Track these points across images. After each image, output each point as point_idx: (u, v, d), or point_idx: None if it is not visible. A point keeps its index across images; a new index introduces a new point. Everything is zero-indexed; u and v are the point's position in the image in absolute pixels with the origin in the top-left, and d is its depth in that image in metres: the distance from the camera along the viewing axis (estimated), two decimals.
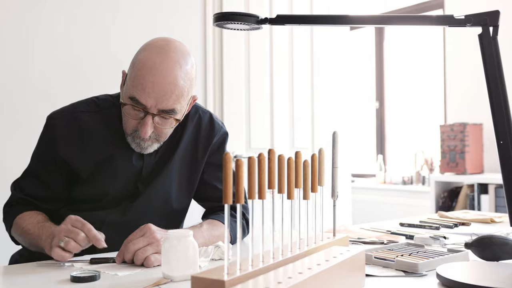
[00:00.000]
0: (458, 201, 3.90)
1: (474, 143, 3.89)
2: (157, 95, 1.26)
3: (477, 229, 1.73)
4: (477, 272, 1.05)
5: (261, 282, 0.78)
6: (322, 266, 0.88)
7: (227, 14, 1.23)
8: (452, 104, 4.34)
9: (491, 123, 4.30)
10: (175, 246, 1.07)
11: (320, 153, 1.11)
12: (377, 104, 5.08)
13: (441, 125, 4.02)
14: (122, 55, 2.57)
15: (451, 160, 3.93)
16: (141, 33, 2.63)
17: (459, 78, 4.27)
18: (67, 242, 1.16)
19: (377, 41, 5.10)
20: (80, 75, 2.46)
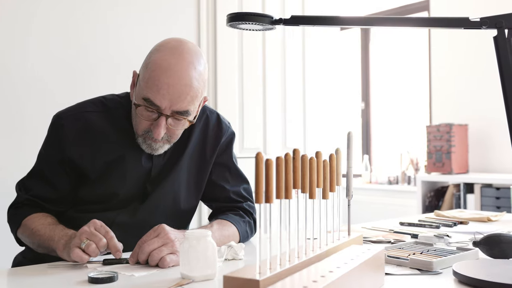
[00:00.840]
0: (444, 201, 3.96)
1: (459, 144, 3.96)
2: (172, 96, 1.25)
3: (476, 227, 1.76)
4: (493, 270, 1.07)
5: (297, 281, 0.79)
6: (351, 264, 0.89)
7: (241, 15, 1.23)
8: (437, 105, 4.40)
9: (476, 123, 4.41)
10: (195, 246, 1.07)
11: (337, 153, 1.12)
12: (363, 104, 5.12)
13: (428, 126, 4.07)
14: (117, 54, 2.56)
15: (437, 160, 3.99)
16: (136, 32, 2.62)
17: (445, 79, 4.33)
18: (89, 245, 1.15)
19: (363, 42, 5.14)
20: (75, 74, 2.44)
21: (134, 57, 2.61)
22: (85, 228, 1.19)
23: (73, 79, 2.43)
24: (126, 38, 2.59)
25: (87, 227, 1.20)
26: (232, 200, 1.52)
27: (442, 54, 4.35)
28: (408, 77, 4.92)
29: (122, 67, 2.57)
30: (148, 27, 2.64)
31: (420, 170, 4.60)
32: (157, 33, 2.68)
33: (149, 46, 2.61)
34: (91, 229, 1.19)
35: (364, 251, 1.00)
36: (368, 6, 4.99)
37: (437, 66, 4.39)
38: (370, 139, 5.11)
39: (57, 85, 2.39)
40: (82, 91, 2.44)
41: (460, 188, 3.85)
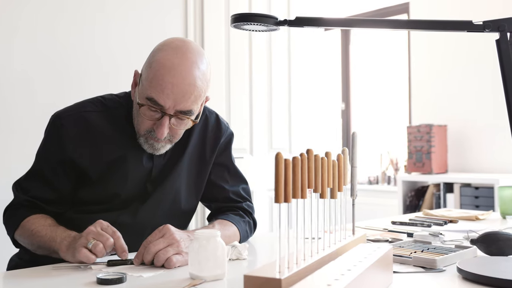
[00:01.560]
0: (425, 200, 4.03)
1: (439, 144, 4.03)
2: (176, 96, 1.25)
3: (466, 226, 1.80)
4: (497, 266, 1.10)
5: (318, 279, 0.80)
6: (366, 262, 0.90)
7: (246, 15, 1.23)
8: (416, 106, 4.48)
9: (455, 124, 4.48)
10: (205, 246, 1.07)
11: (344, 153, 1.13)
12: (343, 105, 5.17)
13: (408, 126, 4.14)
14: (104, 55, 2.53)
15: (417, 160, 4.05)
16: (122, 33, 2.60)
17: (424, 81, 4.40)
18: (96, 245, 1.14)
19: (343, 43, 5.19)
20: (63, 74, 2.40)
21: (121, 57, 2.59)
22: (92, 228, 1.18)
23: (60, 79, 2.39)
24: (113, 39, 2.57)
25: (94, 227, 1.19)
26: (231, 200, 1.52)
27: (421, 57, 4.43)
28: (388, 79, 4.99)
29: (109, 67, 2.55)
30: (135, 27, 2.62)
31: (400, 170, 4.68)
32: (143, 33, 2.67)
33: (136, 46, 2.60)
34: (98, 229, 1.18)
35: (374, 249, 1.02)
36: (348, 8, 5.04)
37: (417, 68, 4.46)
38: (350, 139, 5.16)
39: (45, 85, 2.35)
40: (69, 91, 2.42)
41: (440, 187, 3.93)
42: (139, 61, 2.59)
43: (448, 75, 4.22)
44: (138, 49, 2.65)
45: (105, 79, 2.53)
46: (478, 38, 3.98)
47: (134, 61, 2.62)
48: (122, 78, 2.58)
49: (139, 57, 2.62)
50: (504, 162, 3.91)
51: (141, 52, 2.64)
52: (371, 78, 5.12)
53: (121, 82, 2.57)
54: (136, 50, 2.64)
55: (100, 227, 1.19)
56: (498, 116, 3.92)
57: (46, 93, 2.36)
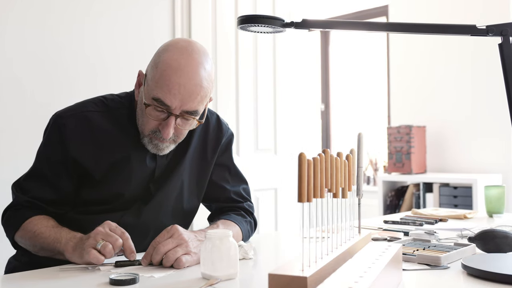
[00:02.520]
0: (405, 200, 4.10)
1: (418, 145, 4.11)
2: (182, 96, 1.25)
3: (455, 224, 1.85)
4: (501, 263, 1.13)
5: (340, 279, 0.81)
6: (381, 261, 0.92)
7: (253, 17, 1.24)
8: (395, 107, 4.55)
9: (434, 125, 4.57)
10: (218, 246, 1.07)
11: (352, 154, 1.15)
12: (323, 106, 5.23)
13: (388, 127, 4.21)
14: (93, 54, 2.51)
15: (397, 161, 4.12)
16: (110, 30, 2.58)
17: (403, 83, 4.48)
18: (105, 246, 1.14)
19: (323, 45, 5.25)
20: (51, 73, 2.37)
21: (109, 57, 2.57)
22: (100, 229, 1.18)
23: (49, 78, 2.36)
24: (101, 37, 2.54)
25: (102, 227, 1.18)
26: (232, 200, 1.53)
27: (400, 58, 4.50)
28: (367, 80, 5.06)
29: (98, 66, 2.52)
30: (123, 26, 2.60)
31: (379, 170, 4.75)
32: (131, 32, 2.65)
33: (124, 45, 2.58)
34: (106, 229, 1.18)
35: (386, 248, 1.04)
36: (327, 10, 5.09)
37: (395, 70, 4.54)
38: (330, 140, 5.21)
39: (34, 85, 2.31)
40: (59, 90, 2.39)
41: (420, 187, 4.00)
42: (127, 59, 2.59)
43: (426, 77, 4.30)
44: (125, 47, 2.64)
45: (94, 78, 2.50)
46: (456, 41, 4.07)
47: (123, 60, 2.60)
48: (111, 77, 2.56)
49: (127, 55, 2.62)
50: (481, 162, 4.01)
51: (129, 51, 2.63)
52: (350, 79, 5.19)
53: (109, 81, 2.55)
54: (124, 49, 2.63)
55: (109, 228, 1.19)
56: (475, 117, 4.02)
57: (35, 92, 2.32)
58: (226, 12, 2.97)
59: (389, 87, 4.62)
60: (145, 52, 2.69)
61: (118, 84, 2.55)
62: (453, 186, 3.85)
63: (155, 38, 2.73)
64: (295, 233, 1.75)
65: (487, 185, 2.12)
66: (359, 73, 5.12)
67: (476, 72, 4.01)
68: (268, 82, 3.17)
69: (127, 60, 2.61)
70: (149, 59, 2.68)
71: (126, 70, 2.60)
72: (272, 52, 3.20)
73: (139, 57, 2.65)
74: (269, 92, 3.17)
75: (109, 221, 1.21)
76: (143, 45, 2.66)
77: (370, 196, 4.49)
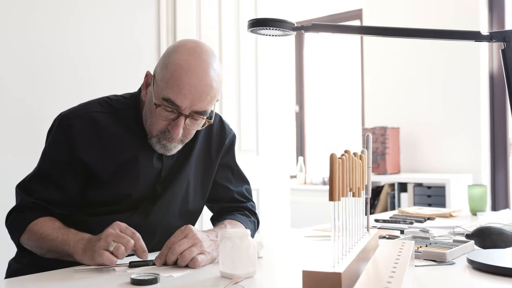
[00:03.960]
0: (380, 200, 4.19)
1: (393, 146, 4.21)
2: (193, 96, 1.26)
3: (442, 222, 1.92)
4: (504, 257, 1.19)
5: (372, 276, 0.85)
6: (404, 258, 0.96)
7: (263, 20, 1.27)
8: (369, 108, 4.64)
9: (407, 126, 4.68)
10: (239, 245, 1.09)
11: (364, 154, 1.19)
12: (297, 107, 5.28)
13: (364, 129, 4.29)
14: (77, 55, 2.48)
15: (373, 161, 4.21)
16: (94, 29, 2.55)
17: (376, 85, 4.57)
18: (118, 247, 1.14)
19: (297, 47, 5.30)
20: (36, 74, 2.33)
21: (93, 57, 2.55)
22: (111, 230, 1.18)
23: (33, 79, 2.32)
24: (85, 37, 2.52)
25: (112, 229, 1.18)
26: (236, 200, 1.55)
27: (373, 61, 4.60)
28: (341, 82, 5.14)
29: (81, 67, 2.50)
30: (106, 26, 2.58)
31: None
32: (114, 31, 2.63)
33: (107, 46, 2.56)
34: (117, 231, 1.18)
35: (401, 245, 1.09)
36: (302, 13, 5.15)
37: (369, 73, 4.63)
38: (304, 141, 5.28)
39: (17, 85, 2.27)
40: (44, 92, 2.35)
41: (395, 187, 4.10)
42: (110, 59, 2.57)
43: (400, 80, 4.41)
44: (109, 47, 2.62)
45: (77, 78, 2.47)
46: (428, 45, 4.19)
47: (106, 59, 2.58)
48: (95, 77, 2.54)
49: (110, 55, 2.60)
50: (452, 162, 4.14)
51: (112, 51, 2.61)
52: (324, 81, 5.26)
53: (94, 82, 2.53)
54: (108, 50, 2.61)
55: (119, 229, 1.19)
56: (447, 120, 4.15)
57: (19, 92, 2.28)
58: (211, 12, 2.99)
59: (363, 89, 4.71)
60: (128, 52, 2.68)
61: (101, 83, 2.54)
62: (426, 186, 3.96)
63: (138, 37, 2.72)
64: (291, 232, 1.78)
65: (470, 185, 2.20)
66: (333, 75, 5.20)
67: (448, 76, 4.13)
68: (251, 84, 3.19)
69: (110, 59, 2.59)
70: (132, 58, 2.67)
71: (110, 70, 2.59)
72: (254, 54, 3.23)
73: (122, 56, 2.64)
74: (251, 94, 3.20)
75: (118, 222, 1.21)
76: (126, 45, 2.66)
77: None
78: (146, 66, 2.48)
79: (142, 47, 2.74)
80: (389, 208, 4.14)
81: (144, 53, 2.74)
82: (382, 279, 0.84)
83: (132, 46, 2.70)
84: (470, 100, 4.04)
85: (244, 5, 3.14)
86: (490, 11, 4.11)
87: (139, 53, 2.72)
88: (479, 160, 4.03)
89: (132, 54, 2.69)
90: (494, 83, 4.08)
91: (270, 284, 1.10)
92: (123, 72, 2.62)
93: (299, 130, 5.28)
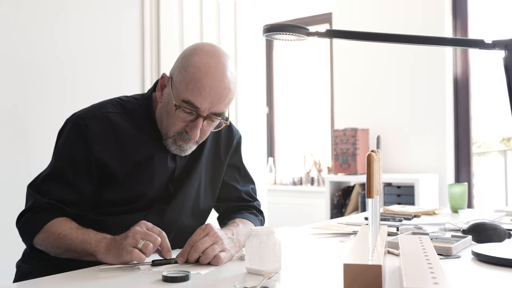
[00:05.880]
0: (351, 199, 4.30)
1: (363, 147, 4.33)
2: (213, 98, 1.29)
3: (428, 220, 2.01)
4: (507, 250, 1.28)
5: (413, 271, 0.90)
6: (431, 252, 1.03)
7: (280, 26, 1.32)
8: (339, 110, 4.75)
9: (376, 128, 4.83)
10: (266, 242, 1.14)
11: (377, 155, 1.25)
12: (267, 109, 5.35)
13: (335, 130, 4.40)
14: (65, 57, 2.46)
15: (343, 162, 4.32)
16: (80, 31, 2.54)
17: (346, 87, 4.69)
18: (146, 245, 1.17)
19: (267, 49, 5.36)
20: (24, 75, 2.30)
21: (81, 58, 2.53)
22: (138, 228, 1.20)
23: (22, 81, 2.29)
24: (73, 39, 2.50)
25: (139, 227, 1.21)
26: (243, 200, 1.59)
27: (343, 64, 4.71)
28: (311, 84, 5.24)
29: (67, 66, 2.48)
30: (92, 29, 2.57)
31: (323, 171, 4.94)
32: (101, 32, 2.62)
33: (93, 45, 2.54)
34: (144, 229, 1.20)
35: (420, 240, 1.15)
36: (272, 15, 5.21)
37: (339, 75, 4.74)
38: (274, 142, 5.35)
39: (4, 85, 2.24)
40: (31, 93, 2.32)
41: (365, 187, 4.21)
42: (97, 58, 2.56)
43: (369, 82, 4.54)
44: (95, 46, 2.60)
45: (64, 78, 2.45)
46: (396, 49, 4.33)
47: (92, 58, 2.57)
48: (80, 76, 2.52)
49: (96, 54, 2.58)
50: (420, 163, 4.29)
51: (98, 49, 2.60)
52: (294, 83, 5.35)
53: (79, 83, 2.51)
54: (96, 51, 2.59)
55: (146, 228, 1.21)
56: (414, 122, 4.30)
57: (5, 91, 2.25)
58: (193, 14, 3.01)
59: (333, 91, 4.82)
60: (113, 51, 2.68)
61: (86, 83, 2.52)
62: (396, 186, 4.09)
63: (123, 36, 2.72)
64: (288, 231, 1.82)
65: (450, 184, 2.31)
66: (303, 77, 5.29)
67: (415, 79, 4.29)
68: None
69: (96, 58, 2.58)
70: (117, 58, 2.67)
71: (95, 69, 2.58)
72: (233, 55, 3.27)
73: (107, 55, 2.64)
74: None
75: (144, 221, 1.24)
76: (111, 44, 2.65)
77: (317, 196, 4.67)
78: (131, 65, 2.48)
79: (127, 46, 2.74)
80: (360, 207, 4.25)
81: (128, 52, 2.74)
82: (425, 272, 0.89)
83: (117, 45, 2.70)
84: (436, 102, 4.21)
85: (224, 7, 3.18)
86: (454, 17, 4.29)
87: (124, 52, 2.71)
88: (445, 160, 4.20)
89: (116, 53, 2.69)
90: (458, 86, 4.27)
91: (300, 278, 1.15)
92: (108, 71, 2.62)
93: (269, 131, 5.35)
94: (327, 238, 1.63)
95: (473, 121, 4.26)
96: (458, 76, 4.24)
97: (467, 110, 4.25)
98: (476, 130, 4.34)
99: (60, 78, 2.43)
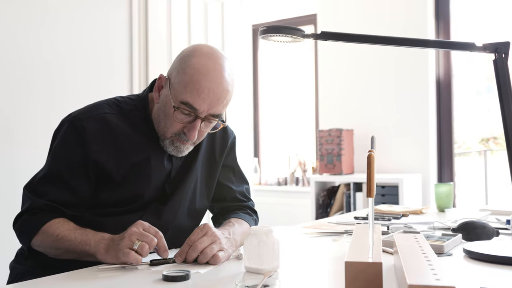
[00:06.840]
0: (336, 199, 4.34)
1: (347, 147, 4.37)
2: (211, 100, 1.30)
3: (416, 219, 2.05)
4: (497, 247, 1.31)
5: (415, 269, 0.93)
6: (428, 250, 1.05)
7: (276, 27, 1.33)
8: (323, 111, 4.79)
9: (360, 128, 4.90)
10: (265, 241, 1.15)
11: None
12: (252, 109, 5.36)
13: (320, 130, 4.43)
14: (52, 57, 2.44)
15: (328, 162, 4.36)
16: (67, 31, 2.52)
17: (330, 87, 4.73)
18: (142, 246, 1.17)
19: (252, 49, 5.38)
20: (10, 76, 2.28)
21: (68, 58, 2.51)
22: (134, 229, 1.21)
23: (7, 82, 2.27)
24: (59, 39, 2.48)
25: (136, 228, 1.21)
26: (238, 200, 1.60)
27: (327, 65, 4.75)
28: (295, 84, 5.27)
29: (55, 68, 2.46)
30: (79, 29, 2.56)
31: (307, 171, 4.97)
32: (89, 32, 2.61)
33: (81, 47, 2.53)
34: (140, 230, 1.21)
35: (415, 238, 1.18)
36: (258, 16, 5.23)
37: (324, 75, 4.78)
38: (258, 142, 5.37)
39: None
40: (17, 94, 2.31)
41: (350, 187, 4.26)
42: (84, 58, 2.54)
43: (353, 83, 4.59)
44: (82, 47, 2.59)
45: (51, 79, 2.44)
46: (381, 51, 4.38)
47: (80, 58, 2.56)
48: (67, 77, 2.51)
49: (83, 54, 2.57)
50: (403, 163, 4.35)
51: (85, 50, 2.58)
52: (279, 83, 5.37)
53: (67, 83, 2.49)
54: (82, 51, 2.58)
55: (142, 228, 1.22)
56: (398, 123, 4.36)
57: None
58: (180, 13, 3.02)
59: (317, 91, 4.86)
60: (100, 52, 2.67)
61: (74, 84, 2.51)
62: (380, 186, 4.14)
63: (110, 37, 2.71)
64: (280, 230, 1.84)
65: (436, 183, 2.35)
66: (287, 77, 5.32)
67: (399, 80, 4.35)
68: None
69: (83, 58, 2.57)
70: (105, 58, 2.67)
71: (82, 69, 2.56)
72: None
73: (94, 56, 2.63)
74: None
75: (141, 221, 1.24)
76: (98, 44, 2.65)
77: (303, 196, 4.70)
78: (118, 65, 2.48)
79: (114, 46, 2.73)
80: (345, 207, 4.29)
81: (116, 52, 2.73)
82: (425, 268, 0.92)
83: (105, 45, 2.69)
84: (419, 103, 4.27)
85: (211, 8, 3.19)
86: (437, 20, 4.36)
87: (111, 51, 2.71)
88: (428, 160, 4.27)
89: (104, 53, 2.68)
90: (441, 87, 4.34)
91: (299, 276, 1.16)
92: (96, 71, 2.61)
93: (254, 131, 5.36)
94: (320, 237, 1.66)
95: (456, 122, 4.34)
96: (441, 77, 4.31)
97: (450, 111, 4.32)
98: (456, 131, 4.41)
99: (47, 79, 2.42)
